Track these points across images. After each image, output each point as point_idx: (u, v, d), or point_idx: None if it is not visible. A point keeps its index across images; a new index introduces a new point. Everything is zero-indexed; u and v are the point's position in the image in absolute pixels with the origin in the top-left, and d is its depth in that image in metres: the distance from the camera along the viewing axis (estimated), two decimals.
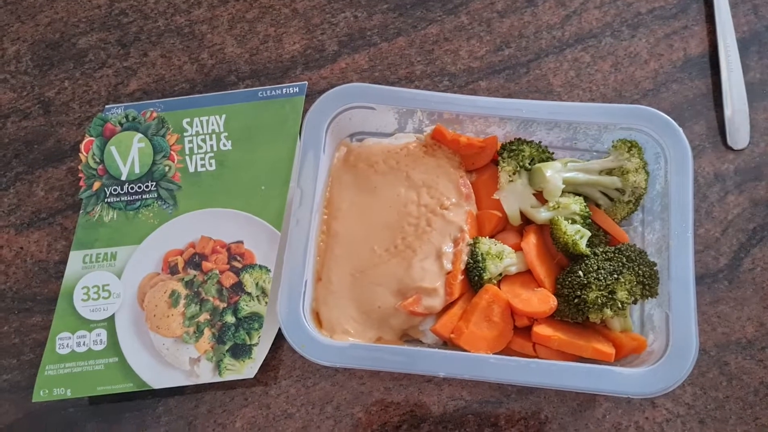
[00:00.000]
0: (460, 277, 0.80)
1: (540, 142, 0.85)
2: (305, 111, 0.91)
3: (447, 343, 0.82)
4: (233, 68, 0.98)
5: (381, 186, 0.85)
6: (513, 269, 0.81)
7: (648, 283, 0.77)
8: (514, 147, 0.84)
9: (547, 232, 0.82)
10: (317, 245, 0.83)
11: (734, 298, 0.87)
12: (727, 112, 0.93)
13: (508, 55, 0.98)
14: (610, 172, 0.83)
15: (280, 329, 0.84)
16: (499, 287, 0.80)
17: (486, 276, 0.79)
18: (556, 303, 0.78)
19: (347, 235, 0.84)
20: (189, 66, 0.99)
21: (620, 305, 0.76)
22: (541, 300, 0.78)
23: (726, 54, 0.95)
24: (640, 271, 0.77)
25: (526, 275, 0.82)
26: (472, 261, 0.80)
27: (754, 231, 0.90)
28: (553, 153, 0.85)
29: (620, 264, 0.77)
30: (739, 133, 0.93)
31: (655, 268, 0.78)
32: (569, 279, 0.78)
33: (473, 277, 0.80)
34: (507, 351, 0.80)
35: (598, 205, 0.85)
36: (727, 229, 0.90)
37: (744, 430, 0.82)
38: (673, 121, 0.81)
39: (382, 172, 0.86)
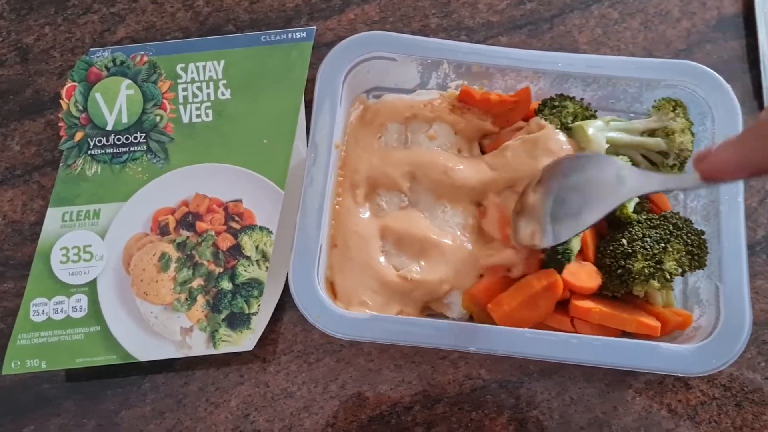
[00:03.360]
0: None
1: (582, 99, 0.79)
2: (312, 62, 0.84)
3: (473, 317, 0.75)
4: (231, 17, 0.90)
5: (402, 146, 0.79)
6: None
7: (697, 253, 0.71)
8: (556, 103, 0.77)
9: None
10: (332, 208, 0.76)
11: None
12: (765, 75, 0.87)
13: (531, 9, 0.91)
14: (652, 133, 0.77)
15: (280, 300, 0.77)
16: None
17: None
18: (601, 279, 0.72)
19: None
20: (183, 13, 0.90)
21: (668, 276, 0.70)
22: (589, 275, 0.72)
23: (763, 13, 0.89)
24: (688, 240, 0.71)
25: None
26: None
27: None
28: (596, 111, 0.79)
29: (667, 232, 0.71)
30: None
31: (703, 237, 0.72)
32: (611, 247, 0.71)
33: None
34: (542, 326, 0.73)
35: None
36: (765, 199, 0.84)
37: None
38: (722, 78, 0.75)
39: (405, 131, 0.79)
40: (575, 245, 0.71)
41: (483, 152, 0.80)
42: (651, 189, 0.62)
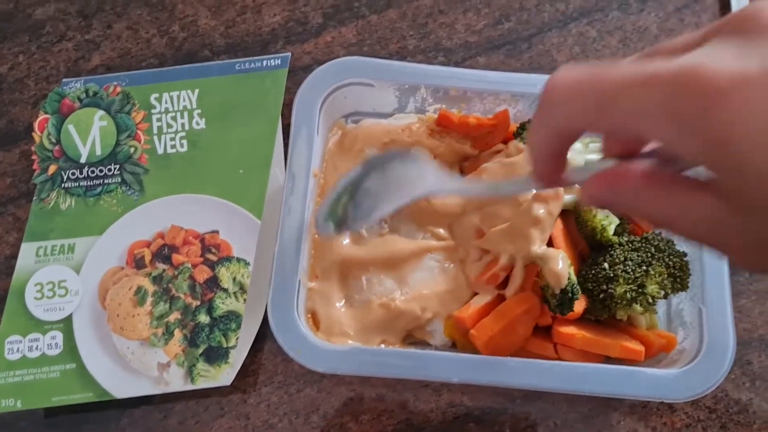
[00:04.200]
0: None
1: None
2: (287, 87, 0.83)
3: (455, 345, 0.74)
4: (207, 42, 0.89)
5: None
6: None
7: (679, 276, 0.70)
8: None
9: (570, 219, 0.75)
10: (312, 238, 0.75)
11: (755, 290, 0.80)
12: None
13: (509, 28, 0.90)
14: None
15: (259, 330, 0.76)
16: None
17: None
18: (585, 303, 0.71)
19: None
20: (158, 39, 0.89)
21: (650, 300, 0.69)
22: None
23: None
24: (670, 263, 0.70)
25: None
26: None
27: None
28: None
29: (649, 255, 0.70)
30: None
31: (685, 259, 0.71)
32: (593, 272, 0.71)
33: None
34: (524, 353, 0.72)
35: None
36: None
37: None
38: None
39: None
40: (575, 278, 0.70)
41: (463, 175, 0.80)
42: (447, 191, 0.63)
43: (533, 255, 0.69)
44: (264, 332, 0.77)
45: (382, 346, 0.73)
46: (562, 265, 0.69)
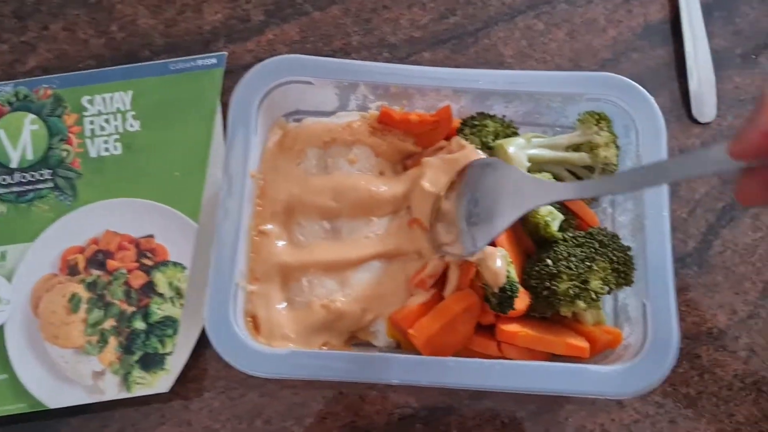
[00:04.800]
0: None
1: (504, 116, 0.77)
2: (228, 87, 0.82)
3: (400, 345, 0.73)
4: (147, 41, 0.87)
5: (323, 172, 0.77)
6: None
7: (623, 271, 0.69)
8: (476, 122, 0.75)
9: None
10: (251, 241, 0.73)
11: (704, 284, 0.80)
12: (692, 82, 0.86)
13: (454, 23, 0.89)
14: (577, 147, 0.75)
15: (201, 335, 0.74)
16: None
17: None
18: (529, 300, 0.70)
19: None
20: (96, 40, 0.87)
21: (594, 296, 0.68)
22: (519, 297, 0.69)
23: (689, 20, 0.88)
24: (614, 257, 0.69)
25: None
26: None
27: (723, 210, 0.82)
28: (518, 128, 0.78)
29: (592, 250, 0.69)
30: (705, 105, 0.85)
31: (629, 253, 0.70)
32: (537, 268, 0.70)
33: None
34: (467, 352, 0.71)
35: None
36: (695, 210, 0.82)
37: (718, 429, 0.75)
38: (644, 90, 0.74)
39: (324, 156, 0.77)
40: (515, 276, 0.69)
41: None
42: (549, 200, 0.62)
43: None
44: (205, 337, 0.75)
45: (325, 348, 0.72)
46: (500, 263, 0.67)
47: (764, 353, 0.77)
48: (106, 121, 0.79)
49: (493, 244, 0.70)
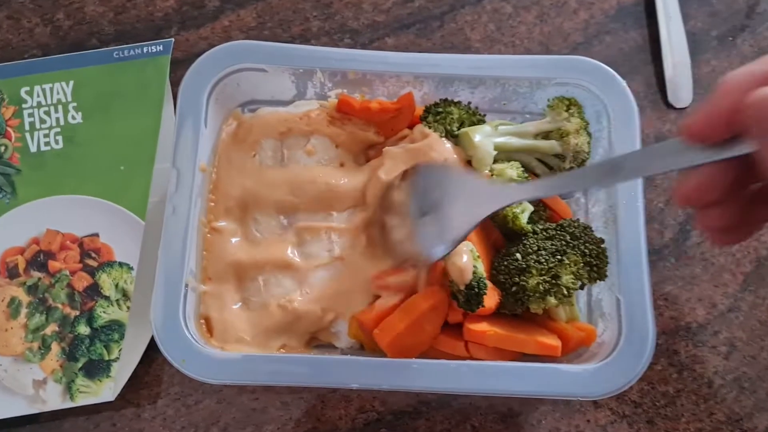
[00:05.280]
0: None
1: (469, 103, 0.73)
2: (181, 77, 0.77)
3: (363, 347, 0.69)
4: (95, 30, 0.82)
5: (279, 164, 0.73)
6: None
7: (596, 264, 0.66)
8: (440, 109, 0.72)
9: None
10: (203, 238, 0.69)
11: (682, 277, 0.76)
12: (667, 66, 0.82)
13: (419, 6, 0.85)
14: (547, 135, 0.72)
15: (152, 339, 0.70)
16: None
17: None
18: (499, 297, 0.66)
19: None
20: (41, 29, 0.82)
21: (565, 292, 0.65)
22: (488, 294, 0.65)
23: (664, 1, 0.84)
24: (586, 250, 0.65)
25: None
26: None
27: None
28: (484, 115, 0.74)
29: (563, 243, 0.66)
30: (681, 89, 0.82)
31: (602, 246, 0.67)
32: (505, 263, 0.66)
33: None
34: (434, 352, 0.67)
35: (536, 175, 0.73)
36: (672, 199, 0.79)
37: (698, 428, 0.71)
38: (615, 74, 0.71)
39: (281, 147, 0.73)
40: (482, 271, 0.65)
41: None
42: (503, 204, 0.59)
43: None
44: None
45: (283, 351, 0.68)
46: (466, 258, 0.64)
47: (745, 348, 0.74)
48: (46, 113, 0.75)
49: None
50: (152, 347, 0.70)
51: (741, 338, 0.74)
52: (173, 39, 0.80)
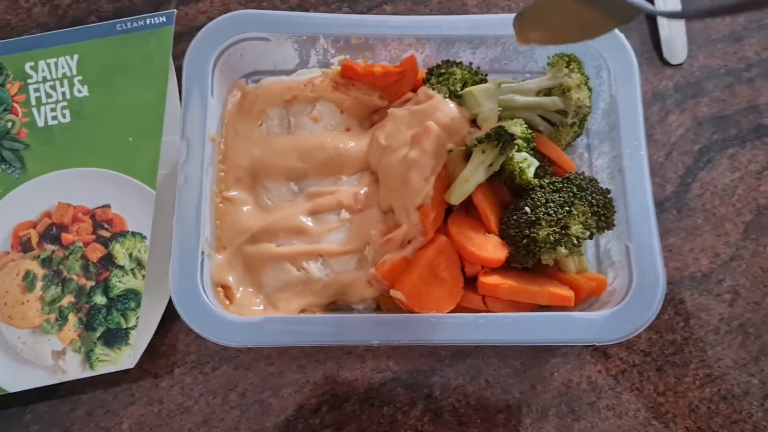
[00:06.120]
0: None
1: (471, 63, 0.74)
2: (183, 51, 0.77)
3: (379, 307, 0.70)
4: (93, 7, 0.82)
5: (286, 132, 0.74)
6: None
7: (603, 213, 0.67)
8: (442, 71, 0.73)
9: None
10: (215, 207, 0.70)
11: (684, 228, 0.78)
12: (662, 23, 0.83)
13: None
14: (548, 92, 0.73)
15: (167, 308, 0.70)
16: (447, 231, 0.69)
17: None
18: (507, 250, 0.68)
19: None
20: (40, 8, 0.82)
21: (575, 241, 0.66)
22: (495, 246, 0.67)
23: None
24: (593, 201, 0.67)
25: (471, 218, 0.70)
26: None
27: (700, 152, 0.80)
28: (486, 75, 0.75)
29: (571, 194, 0.67)
30: (676, 45, 0.83)
31: (609, 196, 0.68)
32: (515, 217, 0.67)
33: None
34: (458, 309, 0.68)
35: (539, 132, 0.74)
36: (671, 153, 0.80)
37: (706, 374, 0.73)
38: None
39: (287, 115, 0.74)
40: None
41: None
42: None
43: None
44: (173, 310, 0.71)
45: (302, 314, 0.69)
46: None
47: (749, 295, 0.76)
48: (52, 87, 0.75)
49: (471, 201, 0.68)
50: (166, 317, 0.71)
51: (744, 285, 0.76)
52: (175, 11, 0.80)
